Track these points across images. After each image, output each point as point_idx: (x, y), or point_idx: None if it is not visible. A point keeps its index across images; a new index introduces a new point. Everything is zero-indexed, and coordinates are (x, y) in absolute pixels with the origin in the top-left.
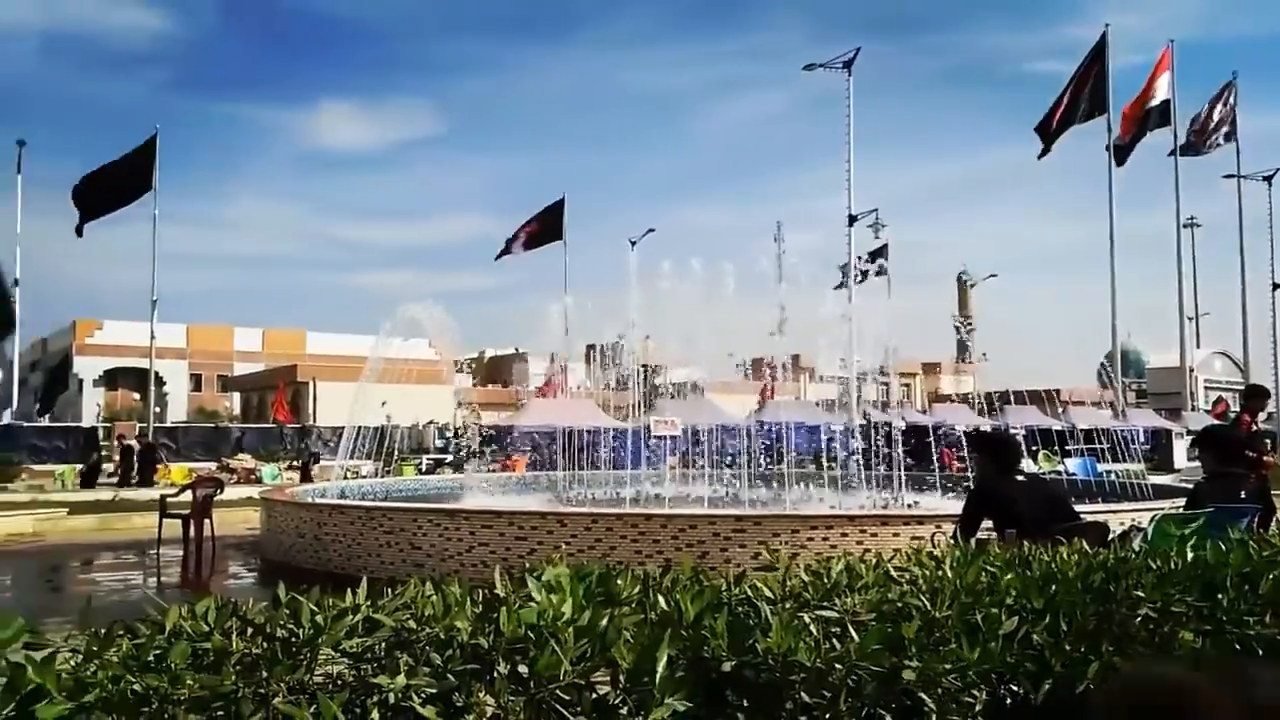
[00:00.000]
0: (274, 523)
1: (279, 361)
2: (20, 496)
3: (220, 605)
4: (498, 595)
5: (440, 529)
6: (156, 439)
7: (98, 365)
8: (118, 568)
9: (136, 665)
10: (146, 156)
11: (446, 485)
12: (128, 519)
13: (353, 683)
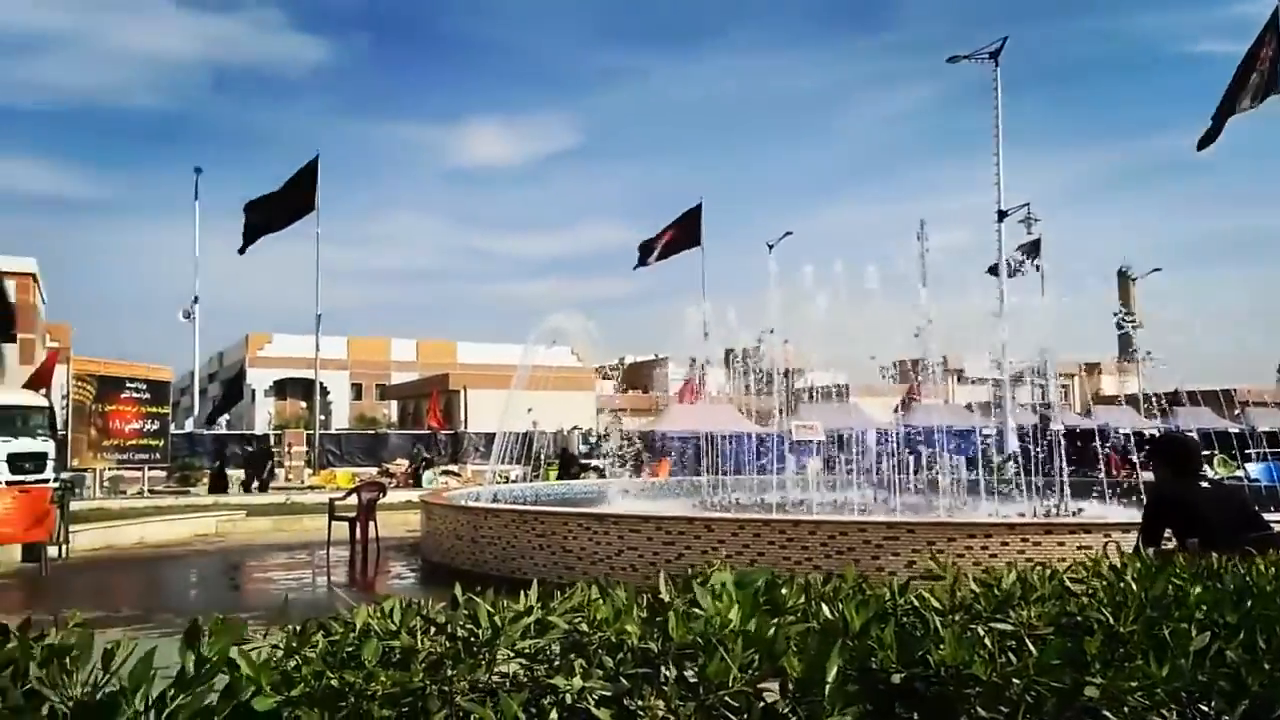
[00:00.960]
0: (433, 525)
1: (432, 370)
2: (204, 499)
3: (405, 606)
4: (662, 600)
5: (590, 533)
6: (324, 445)
7: (268, 376)
8: (292, 566)
9: (334, 662)
10: (308, 179)
11: (592, 490)
12: (299, 521)
13: (529, 683)
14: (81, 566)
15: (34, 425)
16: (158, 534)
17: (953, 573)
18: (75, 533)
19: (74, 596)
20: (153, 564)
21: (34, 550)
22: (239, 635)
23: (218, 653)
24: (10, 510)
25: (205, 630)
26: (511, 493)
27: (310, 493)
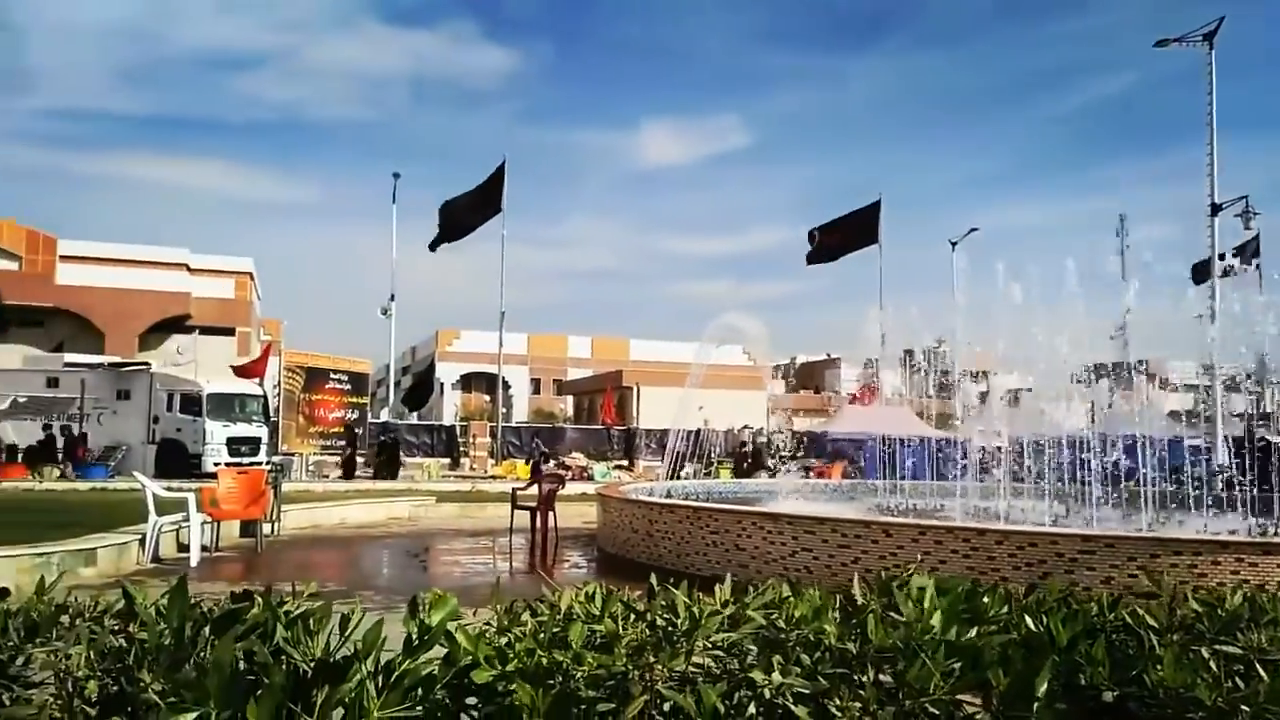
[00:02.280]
0: (609, 518)
1: (606, 367)
2: (398, 485)
3: (607, 593)
4: (857, 602)
5: (763, 532)
6: (505, 438)
7: (456, 370)
8: (477, 551)
9: (544, 641)
10: (496, 183)
11: (763, 489)
12: (483, 508)
13: (725, 675)
14: (291, 543)
15: (251, 412)
16: (357, 516)
17: (1169, 590)
18: (285, 512)
19: (285, 570)
20: (353, 543)
21: (250, 527)
22: (456, 610)
23: (438, 625)
24: (232, 490)
25: (426, 603)
26: (684, 489)
27: (493, 482)
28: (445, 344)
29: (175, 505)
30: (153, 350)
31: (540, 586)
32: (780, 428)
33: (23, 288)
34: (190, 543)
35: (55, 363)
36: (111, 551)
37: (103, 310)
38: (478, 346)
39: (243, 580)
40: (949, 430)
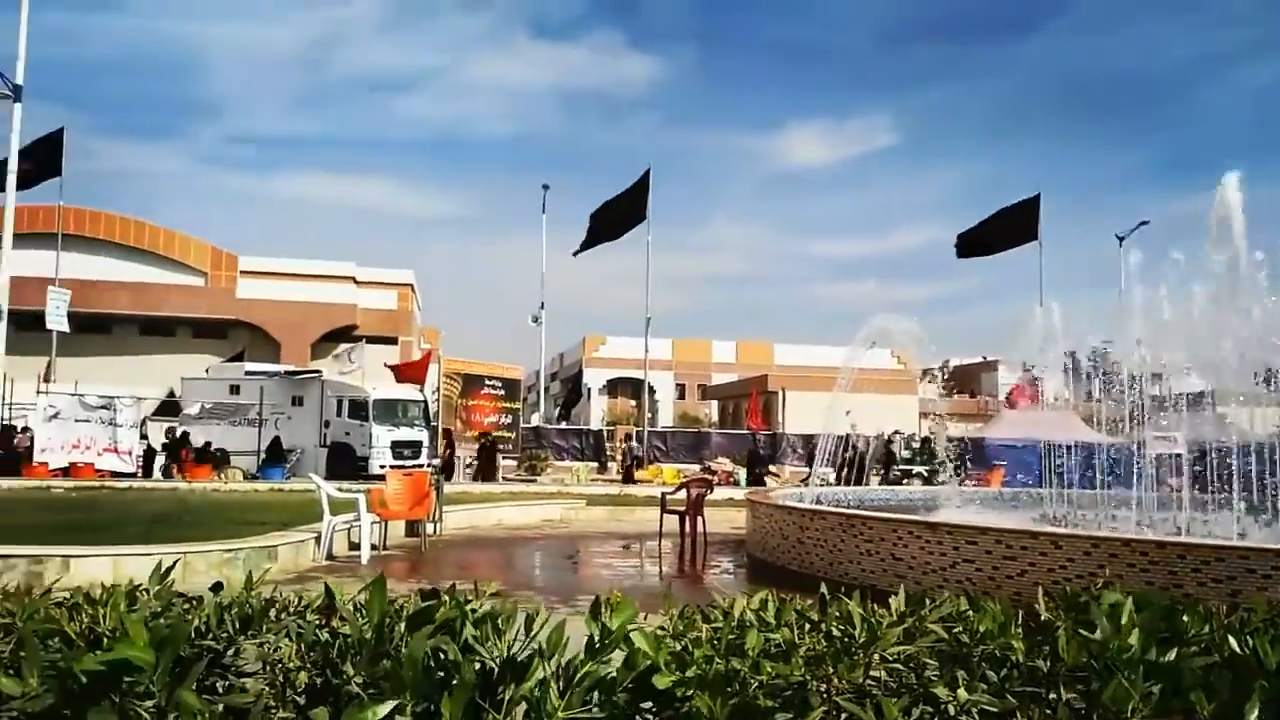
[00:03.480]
0: (758, 524)
1: (751, 372)
2: (549, 488)
3: (781, 602)
4: (1042, 617)
5: (921, 541)
6: (650, 442)
7: (602, 376)
8: (628, 554)
9: (721, 648)
10: (641, 190)
11: (918, 497)
12: (632, 512)
13: (903, 689)
14: (452, 543)
15: (413, 417)
16: (512, 518)
17: None
18: (446, 513)
19: (449, 569)
20: (510, 544)
21: (415, 527)
22: (634, 615)
23: (619, 628)
24: (399, 491)
25: (608, 606)
26: (834, 495)
27: (639, 486)
28: (591, 350)
29: (346, 506)
30: (323, 359)
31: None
32: (932, 432)
33: (208, 302)
34: (361, 541)
35: (237, 371)
36: (291, 549)
37: (278, 322)
38: (623, 352)
39: (410, 578)
40: (1119, 437)
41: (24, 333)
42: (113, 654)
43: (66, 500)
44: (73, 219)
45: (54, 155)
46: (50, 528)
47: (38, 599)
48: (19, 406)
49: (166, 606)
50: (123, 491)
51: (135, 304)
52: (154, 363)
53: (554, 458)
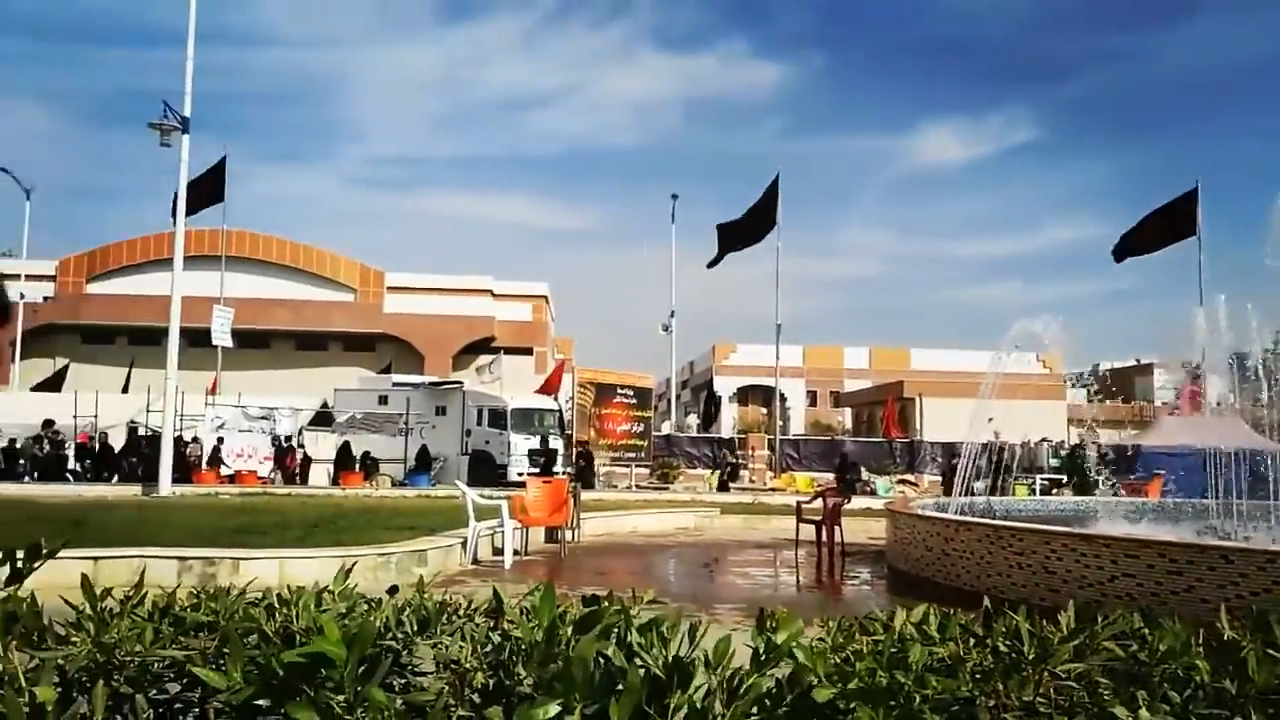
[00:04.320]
0: (899, 534)
1: (885, 378)
2: (681, 496)
3: (944, 615)
4: (1220, 635)
5: (1076, 554)
6: (783, 450)
7: (732, 383)
8: (764, 563)
9: (883, 661)
10: (770, 197)
11: (1069, 507)
12: (767, 520)
13: (1074, 707)
14: (590, 550)
15: (548, 426)
16: (647, 525)
17: None
18: (583, 520)
19: (589, 575)
20: (646, 551)
21: (554, 533)
22: (799, 631)
23: (784, 641)
24: (538, 498)
25: (772, 620)
26: (978, 506)
27: (773, 494)
28: (721, 358)
29: (490, 512)
30: (464, 370)
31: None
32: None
33: (358, 317)
34: (504, 546)
35: (384, 383)
36: (439, 553)
37: (422, 334)
38: (753, 359)
39: (551, 583)
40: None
41: (192, 349)
42: (309, 649)
43: (233, 505)
44: (235, 241)
45: (218, 182)
46: (220, 531)
47: (235, 599)
48: (188, 418)
49: (352, 607)
50: (283, 497)
51: (292, 320)
52: (308, 375)
53: (685, 466)
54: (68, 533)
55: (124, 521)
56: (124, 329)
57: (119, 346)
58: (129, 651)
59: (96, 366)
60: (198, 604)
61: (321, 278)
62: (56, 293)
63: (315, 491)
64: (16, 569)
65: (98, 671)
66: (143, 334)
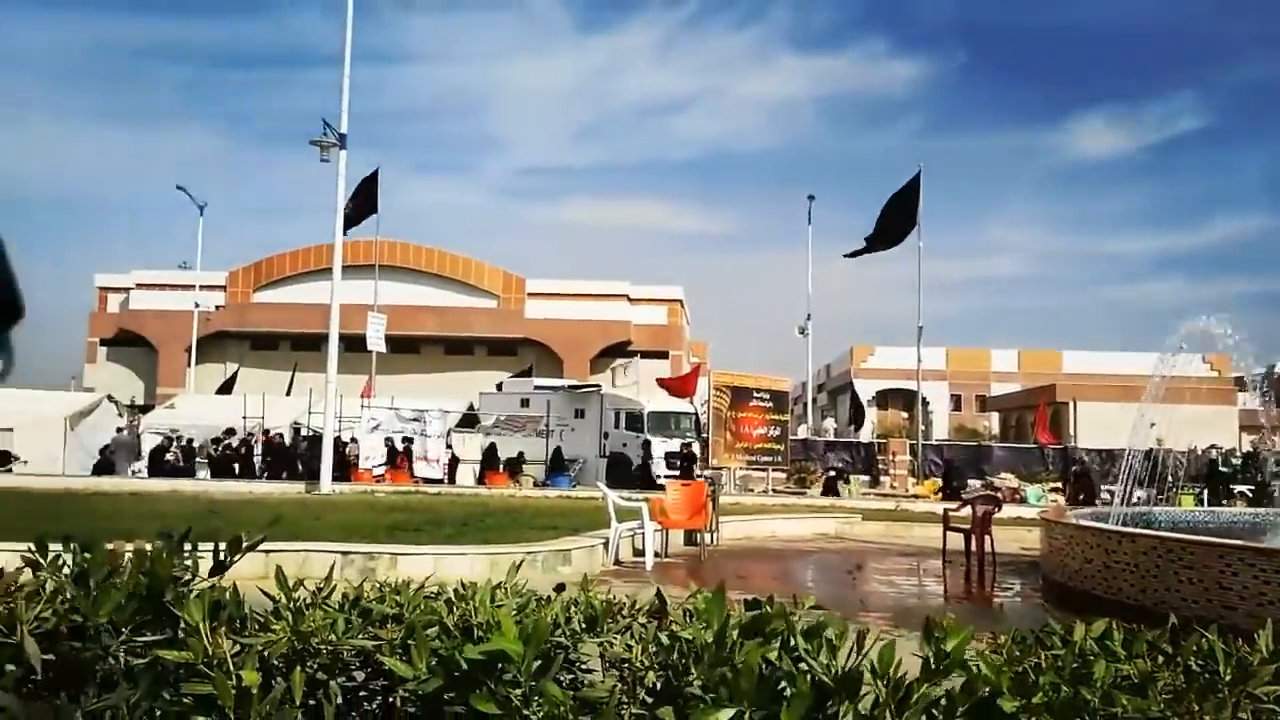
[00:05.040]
0: (1055, 545)
1: (1035, 381)
2: (821, 501)
3: (1129, 630)
4: None
5: (1254, 570)
6: (925, 456)
7: (871, 386)
8: (909, 571)
9: (1068, 676)
10: (911, 195)
11: (1244, 520)
12: (910, 528)
13: None
14: (729, 553)
15: (684, 429)
16: (786, 530)
17: None
18: (720, 523)
19: (729, 578)
20: (786, 556)
21: (693, 536)
22: (967, 640)
23: (955, 650)
24: (678, 500)
25: (941, 629)
26: (1142, 517)
27: (916, 501)
28: (860, 360)
29: (631, 514)
30: (601, 373)
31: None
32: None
33: (501, 322)
34: (645, 548)
35: (526, 386)
36: (583, 553)
37: (561, 339)
38: (893, 362)
39: (692, 585)
40: None
41: (349, 354)
42: (490, 645)
43: (387, 503)
44: (387, 251)
45: (372, 195)
46: (376, 527)
47: (416, 593)
48: (346, 419)
49: (525, 604)
50: (433, 496)
51: (440, 326)
52: (455, 379)
53: (823, 470)
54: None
55: (291, 517)
56: (287, 335)
57: (282, 352)
58: (323, 640)
59: (263, 371)
60: (383, 596)
61: (467, 285)
62: (227, 302)
63: (463, 491)
64: (219, 561)
65: (294, 658)
66: (304, 340)
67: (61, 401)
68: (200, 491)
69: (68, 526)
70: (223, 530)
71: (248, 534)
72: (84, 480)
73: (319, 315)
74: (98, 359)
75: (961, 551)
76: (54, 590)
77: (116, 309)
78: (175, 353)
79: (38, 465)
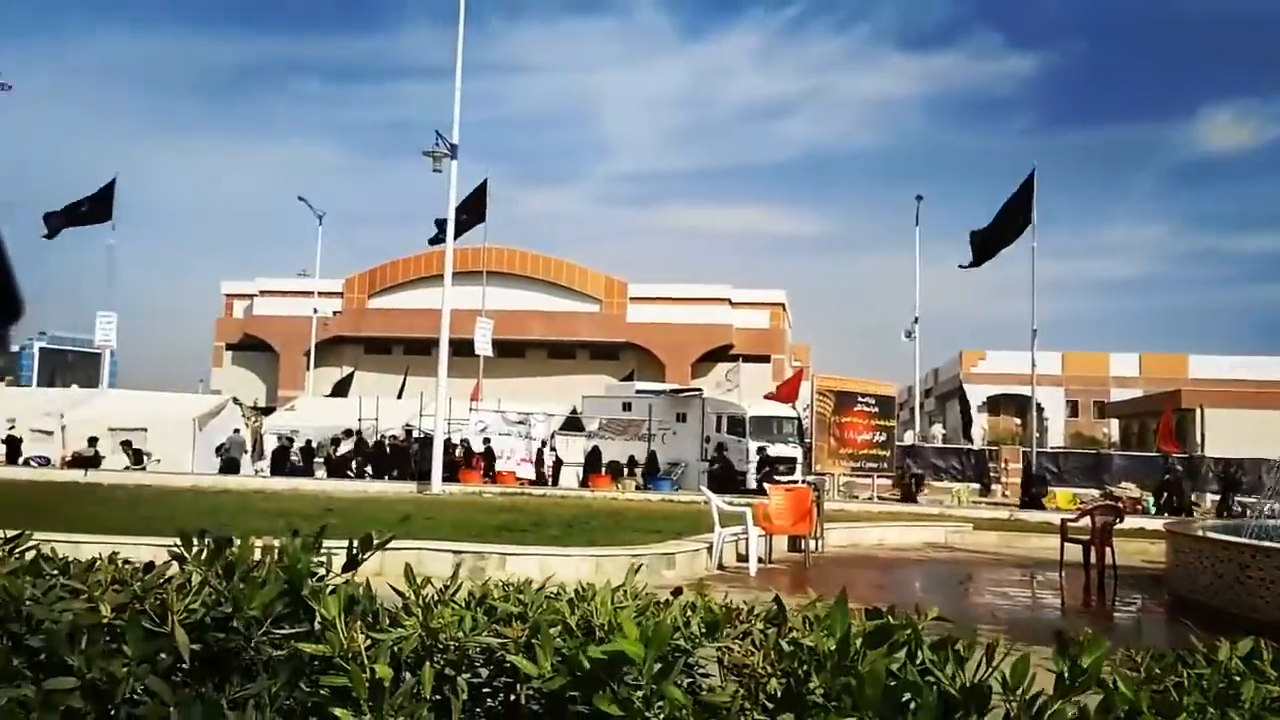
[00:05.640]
0: (1181, 558)
1: (1158, 387)
2: (930, 510)
3: (1277, 650)
4: None
5: None
6: (1040, 464)
7: (982, 392)
8: (1024, 584)
9: (1213, 697)
10: (1025, 195)
11: None
12: (1025, 538)
13: None
14: (834, 560)
15: (786, 433)
16: (893, 538)
17: None
18: (826, 530)
19: (834, 586)
20: (893, 565)
21: (797, 543)
22: (1105, 654)
23: (1091, 666)
24: (781, 506)
25: (1077, 644)
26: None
27: (1030, 510)
28: (970, 365)
29: (735, 519)
30: (702, 377)
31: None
32: None
33: (603, 327)
34: (749, 554)
35: (628, 390)
36: (686, 557)
37: (662, 343)
38: (1005, 367)
39: (798, 592)
40: None
41: (457, 358)
42: (612, 646)
43: (495, 504)
44: (494, 258)
45: (480, 204)
46: (485, 527)
47: (537, 592)
48: (455, 422)
49: (645, 607)
50: (538, 498)
51: (544, 330)
52: (559, 383)
53: (931, 478)
54: (395, 527)
55: (404, 516)
56: (399, 340)
57: (395, 355)
58: (450, 637)
59: (376, 374)
60: (507, 595)
61: (570, 290)
62: (343, 308)
63: (566, 493)
64: (353, 557)
65: (424, 654)
66: (415, 344)
67: (190, 403)
68: (319, 491)
69: (203, 522)
70: (338, 528)
71: (378, 532)
72: (211, 478)
73: (430, 320)
74: (224, 363)
75: (1080, 564)
76: (200, 583)
77: (241, 315)
78: (295, 356)
79: (169, 464)
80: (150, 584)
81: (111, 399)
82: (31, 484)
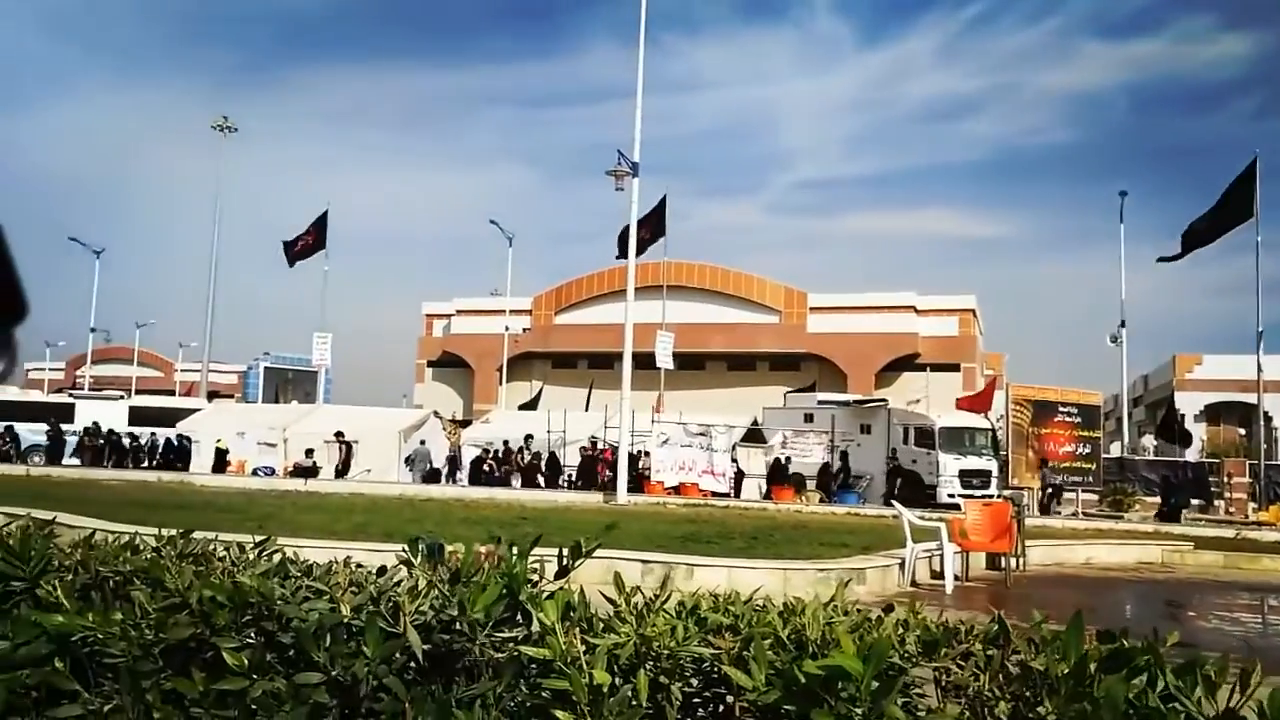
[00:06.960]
0: None
1: None
2: (1143, 527)
3: None
4: None
5: None
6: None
7: (1198, 400)
8: (1254, 609)
9: None
10: (1245, 185)
11: None
12: (1254, 560)
13: None
14: (1036, 579)
15: (980, 445)
16: (1102, 557)
17: None
18: (1028, 548)
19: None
20: (1101, 586)
21: (995, 560)
22: None
23: None
24: (979, 521)
25: None
26: None
27: (1259, 529)
28: (1184, 371)
29: (928, 534)
30: (888, 387)
31: None
32: None
33: (783, 338)
34: (945, 570)
35: (810, 401)
36: (877, 572)
37: (844, 353)
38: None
39: (987, 611)
40: None
41: (640, 371)
42: (830, 661)
43: (678, 515)
44: (674, 272)
45: (660, 219)
46: (669, 538)
47: (746, 605)
48: (638, 434)
49: (860, 623)
50: (722, 509)
51: (724, 342)
52: (739, 394)
53: (1142, 492)
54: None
55: (593, 525)
56: (585, 354)
57: (580, 370)
58: (663, 645)
59: (563, 388)
60: (717, 606)
61: (749, 301)
62: (531, 324)
63: (749, 505)
64: (564, 565)
65: (638, 661)
66: (599, 358)
67: (395, 417)
68: (513, 499)
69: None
70: (533, 535)
71: (586, 541)
72: (415, 488)
73: (613, 335)
74: (425, 379)
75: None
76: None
77: (440, 334)
78: (488, 372)
79: (378, 474)
80: (384, 587)
81: (328, 414)
82: (260, 492)
